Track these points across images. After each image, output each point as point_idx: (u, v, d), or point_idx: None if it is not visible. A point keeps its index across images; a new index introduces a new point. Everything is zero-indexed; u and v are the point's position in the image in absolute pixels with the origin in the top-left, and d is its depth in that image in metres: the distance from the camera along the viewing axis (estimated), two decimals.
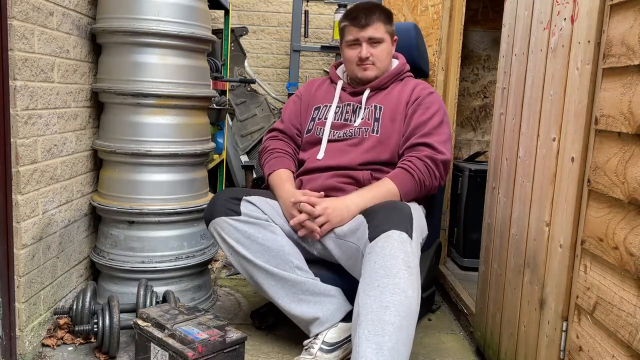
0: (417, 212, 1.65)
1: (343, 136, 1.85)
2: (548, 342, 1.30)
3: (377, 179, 1.76)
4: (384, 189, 1.69)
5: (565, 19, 1.29)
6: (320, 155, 1.84)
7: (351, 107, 1.89)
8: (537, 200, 1.40)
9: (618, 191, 1.01)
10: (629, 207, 0.98)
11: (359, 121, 1.84)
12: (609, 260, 1.03)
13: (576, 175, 1.20)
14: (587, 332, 1.11)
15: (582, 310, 1.14)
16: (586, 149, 1.17)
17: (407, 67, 1.97)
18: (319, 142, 1.88)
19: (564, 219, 1.25)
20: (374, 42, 1.84)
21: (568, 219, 1.22)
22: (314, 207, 1.66)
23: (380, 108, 1.84)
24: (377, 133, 1.81)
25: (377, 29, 1.83)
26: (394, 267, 1.42)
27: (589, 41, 1.17)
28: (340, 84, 1.95)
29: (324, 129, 1.87)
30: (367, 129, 1.82)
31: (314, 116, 1.93)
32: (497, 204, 1.71)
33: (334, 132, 1.86)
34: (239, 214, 1.69)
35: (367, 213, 1.59)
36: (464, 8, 2.43)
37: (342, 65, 2.00)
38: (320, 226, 1.66)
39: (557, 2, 1.34)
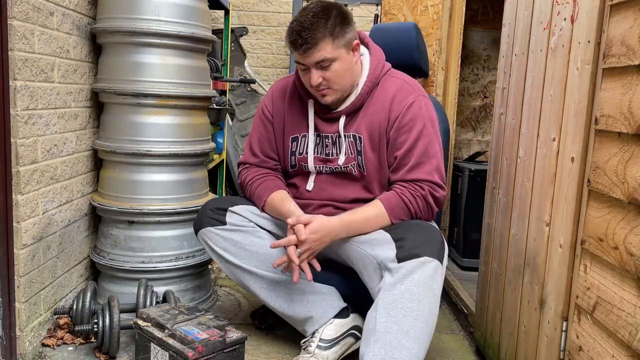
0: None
1: (329, 171, 1.73)
2: (548, 342, 1.30)
3: None
4: (373, 224, 1.56)
5: (565, 19, 1.29)
6: (309, 187, 1.75)
7: (330, 139, 1.70)
8: (537, 200, 1.40)
9: (618, 191, 1.01)
10: (629, 207, 0.98)
11: (342, 158, 1.69)
12: (609, 260, 1.03)
13: (576, 175, 1.20)
14: (587, 332, 1.11)
15: (582, 310, 1.14)
16: (586, 149, 1.17)
17: (381, 66, 1.69)
18: (306, 174, 1.77)
19: (564, 219, 1.25)
20: (323, 64, 1.55)
21: (568, 219, 1.22)
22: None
23: (360, 138, 1.66)
24: (363, 169, 1.67)
25: (322, 50, 1.52)
26: (421, 294, 1.41)
27: (589, 41, 1.17)
28: (311, 106, 1.71)
29: (307, 165, 1.74)
30: (353, 164, 1.68)
31: (293, 150, 1.75)
32: (497, 204, 1.71)
33: (318, 166, 1.73)
34: (224, 223, 1.69)
35: (393, 231, 1.52)
36: (464, 8, 2.43)
37: None
38: (299, 256, 1.53)
39: (557, 2, 1.34)
